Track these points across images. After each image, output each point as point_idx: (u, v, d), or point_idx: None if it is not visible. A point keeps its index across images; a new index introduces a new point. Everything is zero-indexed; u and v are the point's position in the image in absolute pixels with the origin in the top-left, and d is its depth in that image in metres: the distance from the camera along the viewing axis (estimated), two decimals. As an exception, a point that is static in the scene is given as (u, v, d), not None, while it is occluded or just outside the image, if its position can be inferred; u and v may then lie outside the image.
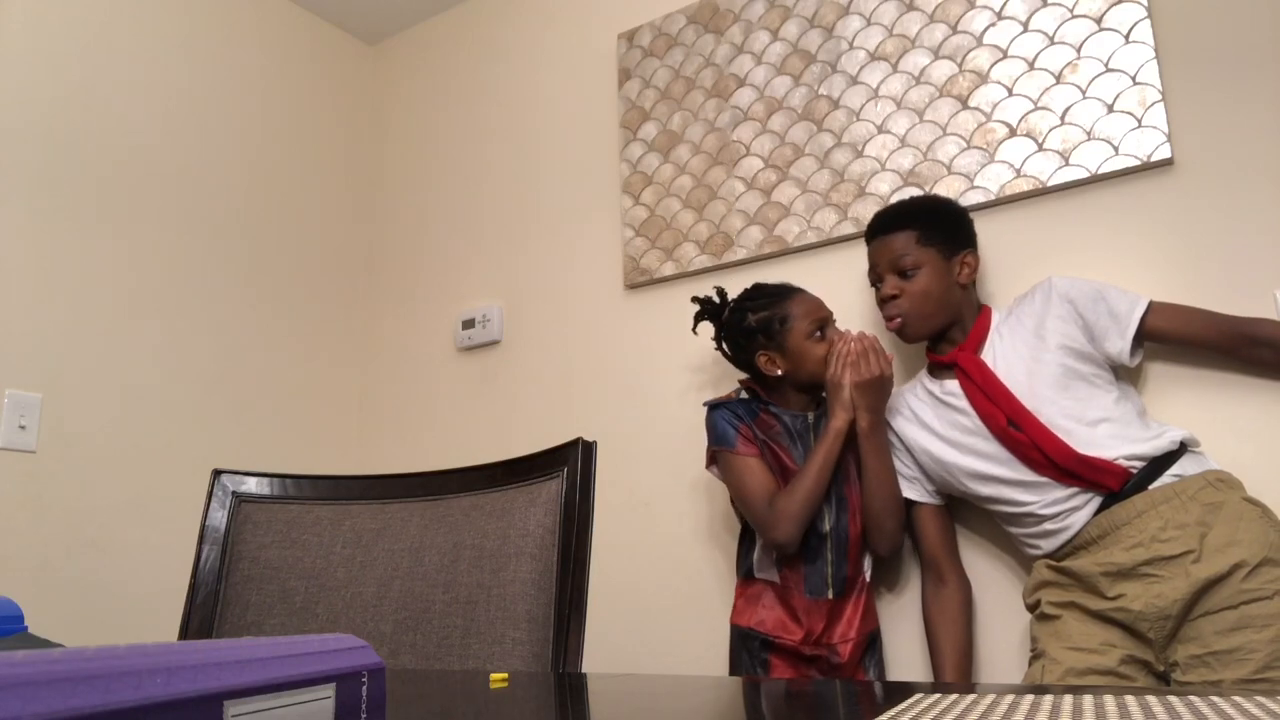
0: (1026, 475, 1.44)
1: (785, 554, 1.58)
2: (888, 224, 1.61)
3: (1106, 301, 1.46)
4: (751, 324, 1.66)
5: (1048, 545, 1.45)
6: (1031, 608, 1.48)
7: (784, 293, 1.68)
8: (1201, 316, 1.45)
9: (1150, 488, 1.35)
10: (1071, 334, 1.46)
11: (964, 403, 1.52)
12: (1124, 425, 1.40)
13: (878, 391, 1.58)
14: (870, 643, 1.62)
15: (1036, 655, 1.42)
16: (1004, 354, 1.50)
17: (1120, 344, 1.44)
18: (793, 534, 1.54)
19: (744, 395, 1.70)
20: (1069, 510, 1.41)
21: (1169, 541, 1.31)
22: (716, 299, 1.77)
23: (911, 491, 1.61)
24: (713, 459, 1.68)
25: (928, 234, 1.57)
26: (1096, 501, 1.39)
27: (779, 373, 1.64)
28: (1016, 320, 1.53)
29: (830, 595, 1.58)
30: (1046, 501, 1.42)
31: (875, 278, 1.62)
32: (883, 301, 1.60)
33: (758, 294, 1.70)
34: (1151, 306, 1.45)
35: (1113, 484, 1.37)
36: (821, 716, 0.52)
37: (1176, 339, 1.48)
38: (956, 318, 1.59)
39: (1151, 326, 1.45)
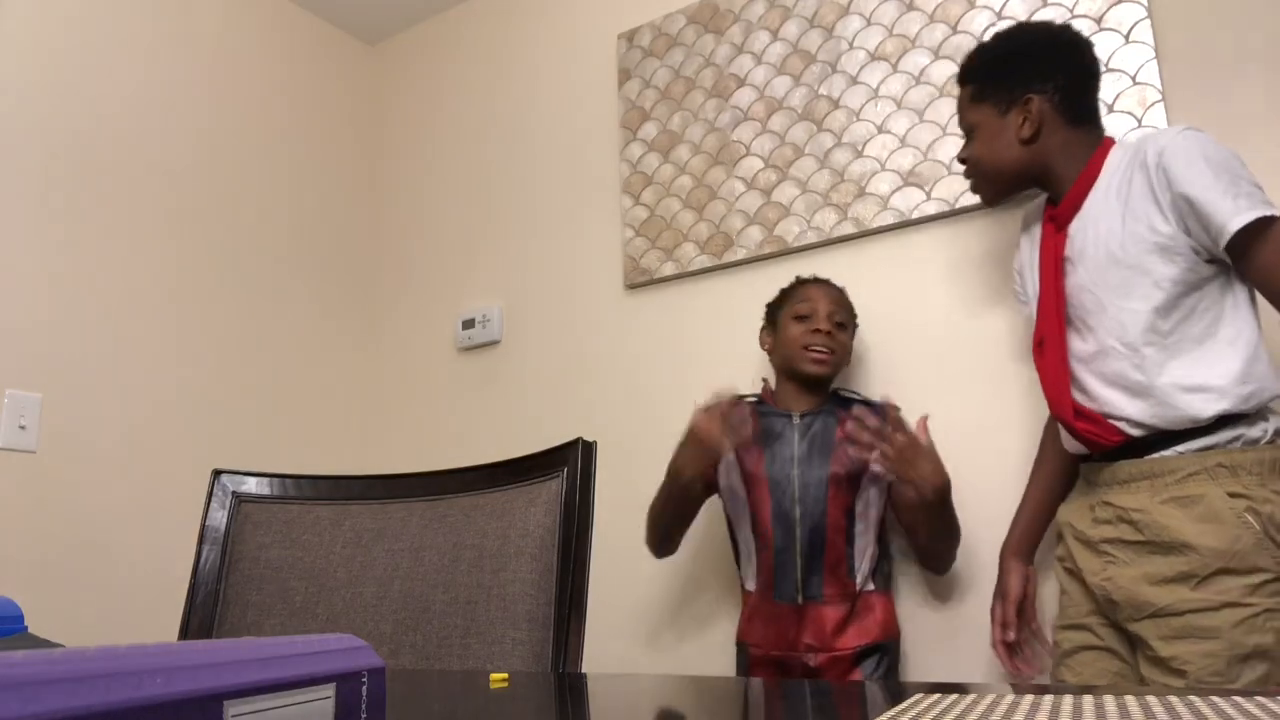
0: None
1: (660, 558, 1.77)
2: (958, 80, 1.47)
3: (1215, 195, 1.19)
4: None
5: None
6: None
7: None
8: None
9: (1149, 456, 1.25)
10: (1162, 229, 1.23)
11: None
12: (1170, 355, 1.23)
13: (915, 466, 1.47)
14: (866, 655, 1.56)
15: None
16: (1092, 224, 1.30)
17: (1209, 243, 1.21)
18: (649, 541, 1.75)
19: (750, 398, 1.71)
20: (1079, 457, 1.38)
21: (1133, 524, 1.24)
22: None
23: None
24: None
25: (981, 89, 1.42)
26: None
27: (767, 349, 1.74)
28: (1122, 182, 1.29)
29: (800, 600, 1.56)
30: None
31: None
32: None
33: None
34: (1256, 229, 1.17)
35: (1102, 446, 1.29)
36: (821, 716, 0.52)
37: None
38: (1036, 174, 1.39)
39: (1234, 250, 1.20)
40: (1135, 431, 1.26)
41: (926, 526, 1.56)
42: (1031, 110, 1.36)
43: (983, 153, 1.41)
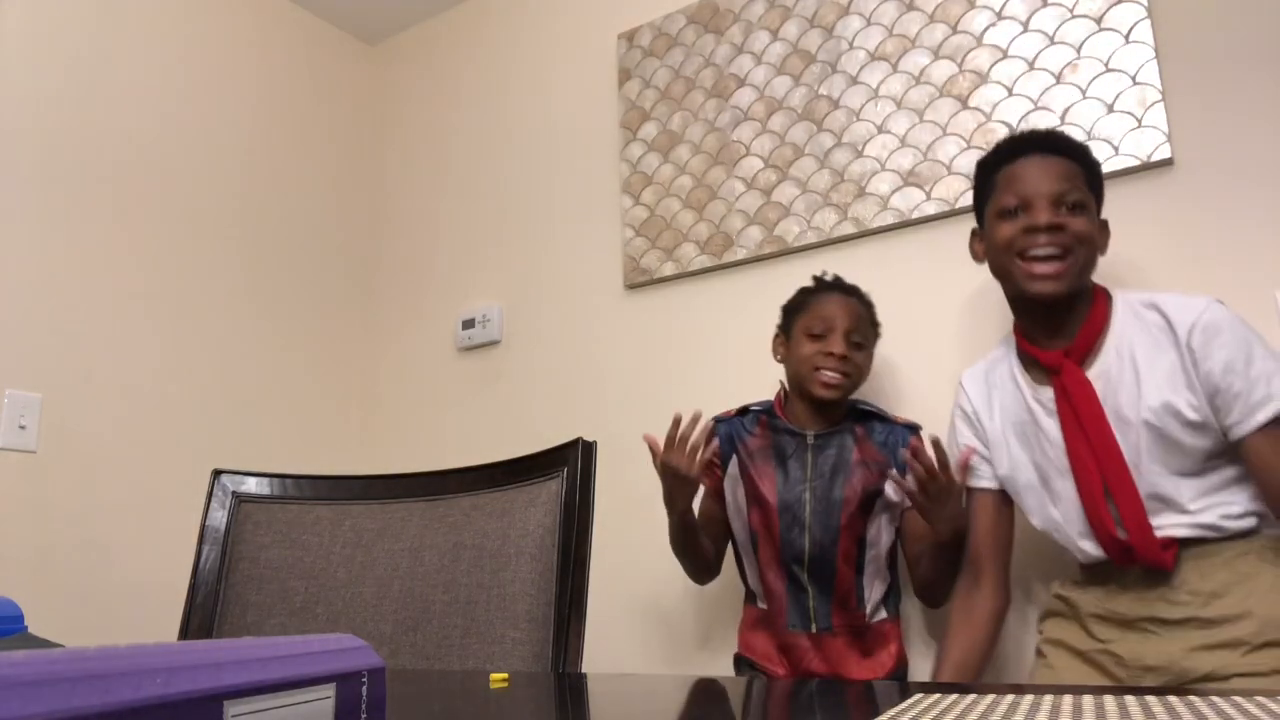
0: (1087, 537, 1.29)
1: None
2: (1058, 145, 1.30)
3: (1247, 377, 1.18)
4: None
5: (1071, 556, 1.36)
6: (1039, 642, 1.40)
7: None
8: None
9: (1192, 547, 1.22)
10: (1198, 408, 1.21)
11: (1055, 427, 1.29)
12: (1203, 498, 1.22)
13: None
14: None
15: None
16: (1118, 384, 1.25)
17: (1230, 429, 1.20)
18: (686, 573, 1.69)
19: (754, 406, 1.65)
20: (1107, 562, 1.28)
21: (1177, 605, 1.21)
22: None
23: (978, 477, 1.40)
24: None
25: (1091, 180, 1.30)
26: None
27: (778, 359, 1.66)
28: (1151, 351, 1.25)
29: (814, 630, 1.51)
30: (1091, 555, 1.29)
31: (1019, 202, 1.29)
32: (1032, 231, 1.27)
33: None
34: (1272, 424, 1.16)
35: (1166, 565, 1.21)
36: (821, 716, 0.52)
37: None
38: (1083, 295, 1.30)
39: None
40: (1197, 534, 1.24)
41: (933, 561, 1.51)
42: (1107, 234, 1.35)
43: (1093, 235, 1.29)
